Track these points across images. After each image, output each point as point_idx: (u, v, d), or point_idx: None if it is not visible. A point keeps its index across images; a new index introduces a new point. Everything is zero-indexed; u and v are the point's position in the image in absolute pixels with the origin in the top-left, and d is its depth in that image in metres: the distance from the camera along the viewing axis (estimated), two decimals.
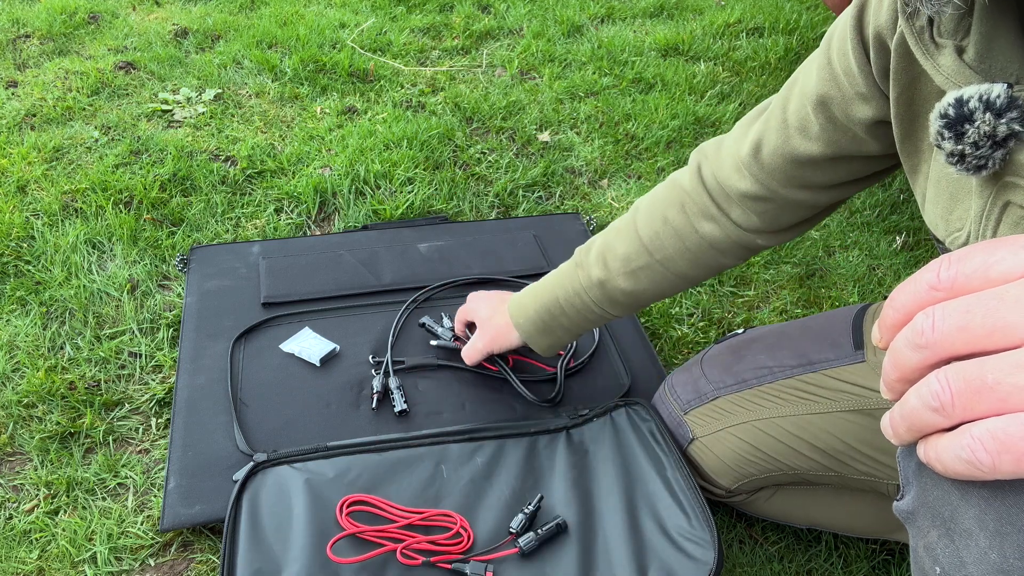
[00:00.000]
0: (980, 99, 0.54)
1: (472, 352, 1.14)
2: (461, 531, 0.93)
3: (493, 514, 0.96)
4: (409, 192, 1.61)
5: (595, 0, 2.50)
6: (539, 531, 0.92)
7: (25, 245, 1.43)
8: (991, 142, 0.55)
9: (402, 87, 2.01)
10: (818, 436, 0.91)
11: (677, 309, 1.39)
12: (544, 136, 1.84)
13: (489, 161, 1.74)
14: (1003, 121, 0.54)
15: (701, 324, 1.37)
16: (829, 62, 0.74)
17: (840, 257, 1.55)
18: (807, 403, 0.92)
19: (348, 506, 0.94)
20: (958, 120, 0.55)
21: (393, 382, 1.15)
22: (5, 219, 1.47)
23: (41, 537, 1.00)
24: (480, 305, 1.15)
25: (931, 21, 0.60)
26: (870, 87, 0.71)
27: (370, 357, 1.21)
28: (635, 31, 2.36)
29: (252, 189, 1.62)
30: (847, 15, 0.71)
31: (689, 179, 0.91)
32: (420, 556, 0.90)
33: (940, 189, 0.65)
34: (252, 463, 0.99)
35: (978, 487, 0.40)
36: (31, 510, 1.03)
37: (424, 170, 1.67)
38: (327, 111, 1.88)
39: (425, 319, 1.26)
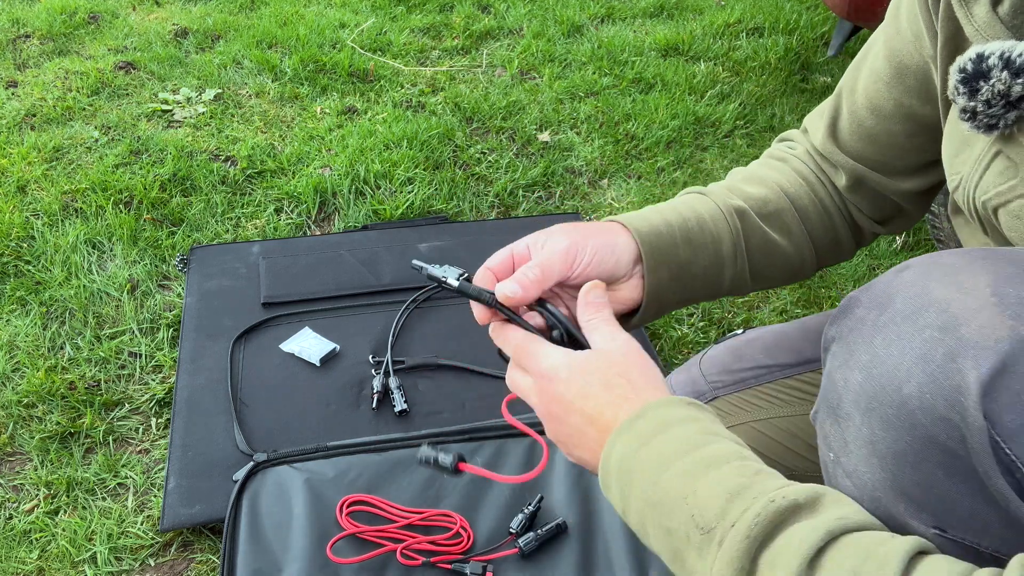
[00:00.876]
0: (1001, 56, 0.54)
1: (543, 269, 0.64)
2: (461, 531, 0.93)
3: (493, 514, 0.96)
4: (409, 192, 1.61)
5: (595, 0, 2.51)
6: (539, 531, 0.92)
7: (25, 245, 1.43)
8: (1004, 101, 0.55)
9: (402, 87, 2.01)
10: (815, 436, 0.91)
11: (677, 309, 1.39)
12: (544, 136, 1.84)
13: (489, 161, 1.74)
14: (1020, 81, 0.53)
15: (701, 324, 1.37)
16: (899, 31, 0.72)
17: None
18: (805, 403, 0.92)
19: (348, 506, 0.94)
20: (975, 76, 0.55)
21: (393, 382, 1.16)
22: (5, 219, 1.47)
23: (41, 537, 1.00)
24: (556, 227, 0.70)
25: None
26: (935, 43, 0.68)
27: (370, 357, 1.21)
28: (635, 31, 2.36)
29: (252, 189, 1.62)
30: None
31: (798, 148, 0.84)
32: (420, 556, 0.90)
33: (954, 129, 0.65)
34: (252, 463, 0.99)
35: (855, 372, 0.49)
36: (31, 510, 1.03)
37: (424, 170, 1.67)
38: (327, 111, 1.88)
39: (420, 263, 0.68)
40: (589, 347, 0.61)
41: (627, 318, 0.74)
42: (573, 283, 0.67)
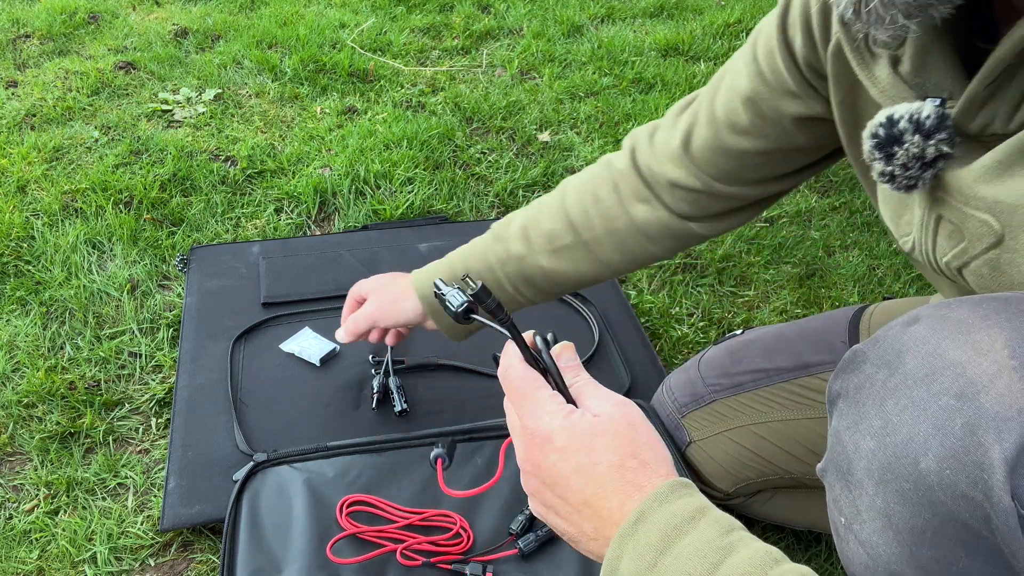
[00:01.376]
0: (910, 119, 0.54)
1: (354, 323, 1.00)
2: (461, 531, 0.93)
3: (493, 515, 0.96)
4: (409, 192, 1.61)
5: (595, 0, 2.51)
6: (539, 532, 0.92)
7: (25, 245, 1.43)
8: (920, 163, 0.55)
9: (402, 87, 2.01)
10: (814, 440, 0.91)
11: (677, 309, 1.39)
12: (544, 136, 1.84)
13: (489, 161, 1.74)
14: (932, 143, 0.54)
15: (701, 324, 1.37)
16: (755, 59, 0.74)
17: (840, 257, 1.55)
18: (803, 407, 0.92)
19: (348, 506, 0.94)
20: (888, 141, 0.56)
21: (393, 382, 1.16)
22: (5, 219, 1.47)
23: (41, 537, 1.00)
24: (373, 279, 1.03)
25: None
26: (799, 84, 0.71)
27: (370, 357, 1.21)
28: (635, 31, 2.36)
29: (252, 189, 1.62)
30: (772, 16, 0.72)
31: (622, 161, 0.89)
32: (420, 557, 0.90)
33: (889, 193, 0.65)
34: (252, 463, 0.99)
35: (867, 439, 0.47)
36: (31, 510, 1.03)
37: (424, 170, 1.67)
38: (327, 111, 1.88)
39: None
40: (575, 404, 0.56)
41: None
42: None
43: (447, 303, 0.60)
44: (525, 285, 0.92)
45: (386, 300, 0.97)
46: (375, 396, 1.14)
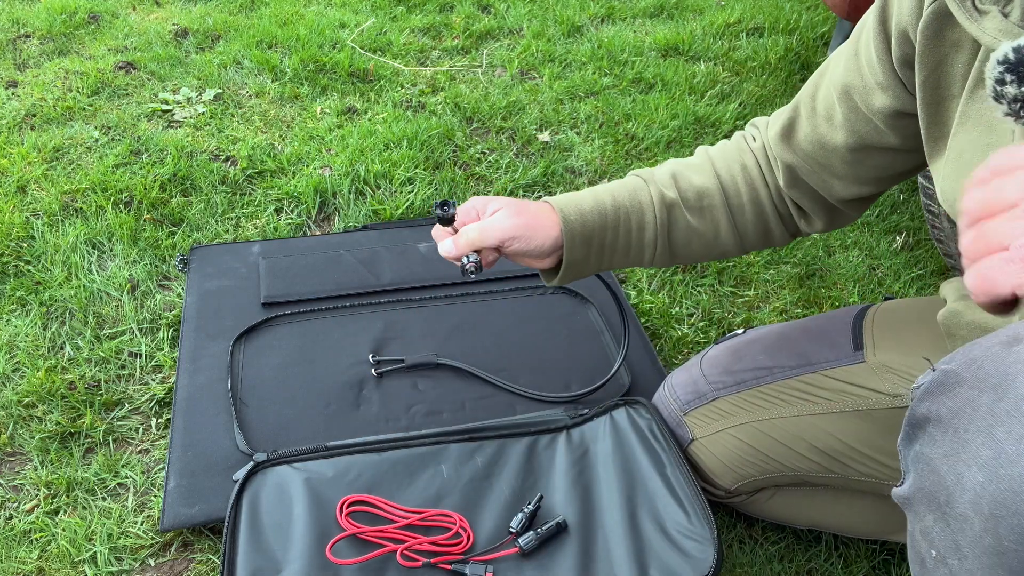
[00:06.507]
0: None
1: (486, 231, 0.84)
2: (461, 531, 0.93)
3: (493, 514, 0.96)
4: (409, 192, 1.61)
5: (595, 0, 2.50)
6: (539, 530, 0.92)
7: (25, 245, 1.43)
8: None
9: (402, 87, 2.01)
10: (817, 437, 0.91)
11: (677, 309, 1.39)
12: (544, 136, 1.84)
13: (489, 161, 1.74)
14: None
15: (701, 324, 1.37)
16: (856, 53, 0.77)
17: (840, 257, 1.55)
18: (806, 404, 0.92)
19: (348, 506, 0.94)
20: (1019, 63, 0.53)
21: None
22: (5, 219, 1.47)
23: (41, 537, 1.00)
24: (504, 203, 0.88)
25: None
26: (888, 76, 0.74)
27: (370, 357, 1.21)
28: (635, 31, 2.36)
29: (252, 189, 1.62)
30: (874, 8, 0.74)
31: (752, 139, 0.93)
32: (420, 557, 0.90)
33: (961, 164, 0.66)
34: (252, 463, 0.99)
35: (972, 470, 0.43)
36: (31, 510, 1.03)
37: (424, 170, 1.67)
38: (327, 111, 1.88)
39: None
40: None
41: (550, 273, 0.91)
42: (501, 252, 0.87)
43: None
44: (667, 235, 0.89)
45: (532, 216, 0.85)
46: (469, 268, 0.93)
